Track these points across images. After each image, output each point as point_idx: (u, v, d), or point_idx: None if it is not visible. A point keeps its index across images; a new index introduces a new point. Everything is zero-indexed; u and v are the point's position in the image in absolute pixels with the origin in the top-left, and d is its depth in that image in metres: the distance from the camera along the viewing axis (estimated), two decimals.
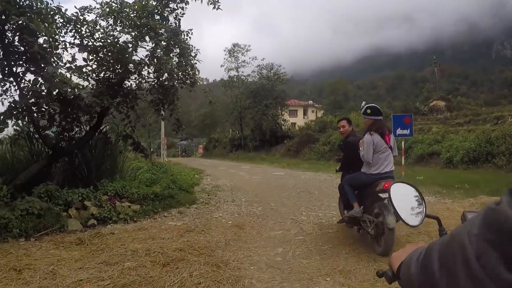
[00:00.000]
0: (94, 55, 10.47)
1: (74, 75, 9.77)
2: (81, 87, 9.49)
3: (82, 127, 11.78)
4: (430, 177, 16.18)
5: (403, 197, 1.65)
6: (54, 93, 8.93)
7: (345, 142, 6.94)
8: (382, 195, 5.44)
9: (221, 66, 47.28)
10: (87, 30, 10.29)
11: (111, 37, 10.39)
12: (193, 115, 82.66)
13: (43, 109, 9.54)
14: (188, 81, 12.14)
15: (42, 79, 8.73)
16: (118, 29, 10.59)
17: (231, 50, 46.73)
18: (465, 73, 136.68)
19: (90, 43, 10.37)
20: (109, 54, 10.43)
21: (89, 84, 10.60)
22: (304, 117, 65.13)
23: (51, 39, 9.24)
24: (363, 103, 6.28)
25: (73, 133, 11.52)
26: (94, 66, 10.74)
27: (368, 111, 5.92)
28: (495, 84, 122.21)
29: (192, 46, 12.01)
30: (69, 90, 8.43)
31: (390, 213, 5.11)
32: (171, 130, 15.97)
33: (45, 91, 8.84)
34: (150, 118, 29.71)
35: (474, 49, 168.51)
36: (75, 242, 6.92)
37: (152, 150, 52.83)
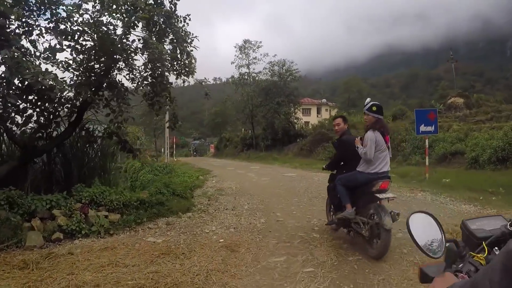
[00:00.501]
0: (73, 42, 8.83)
1: (52, 65, 8.36)
2: (62, 79, 7.83)
3: (62, 123, 10.08)
4: (458, 180, 14.24)
5: (421, 227, 1.56)
6: (17, 82, 7.55)
7: (339, 140, 6.80)
8: (380, 196, 5.30)
9: (231, 63, 45.57)
10: (66, 13, 8.59)
11: (97, 23, 8.67)
12: (206, 114, 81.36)
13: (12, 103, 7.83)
14: (183, 71, 10.50)
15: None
16: (106, 14, 8.88)
17: (241, 47, 44.94)
18: (480, 71, 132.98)
19: (67, 28, 8.73)
20: (92, 40, 8.92)
21: (72, 76, 9.12)
22: (317, 116, 62.87)
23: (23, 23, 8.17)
24: (368, 99, 6.03)
25: (51, 130, 9.78)
26: (75, 55, 9.12)
27: (374, 108, 5.69)
28: (510, 82, 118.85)
29: (189, 32, 10.41)
30: (39, 79, 6.67)
31: (387, 214, 5.06)
32: (167, 127, 14.32)
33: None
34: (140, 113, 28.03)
35: (489, 46, 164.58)
36: (18, 265, 5.30)
37: (163, 150, 51.64)
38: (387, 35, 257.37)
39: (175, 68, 10.39)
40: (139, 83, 10.37)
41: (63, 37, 8.47)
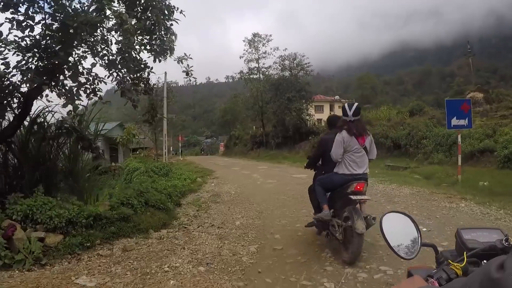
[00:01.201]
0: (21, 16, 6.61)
1: None
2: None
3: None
4: (496, 182, 11.91)
5: (395, 228, 1.56)
6: None
7: (320, 139, 6.93)
8: (353, 197, 5.10)
9: (240, 58, 43.01)
10: None
11: None
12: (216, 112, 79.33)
13: None
14: (159, 49, 8.15)
15: None
16: None
17: (251, 41, 42.26)
18: (494, 67, 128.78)
19: None
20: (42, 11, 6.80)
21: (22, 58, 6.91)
22: (330, 113, 60.10)
23: None
24: (345, 104, 5.72)
25: None
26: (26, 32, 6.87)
27: (346, 109, 5.41)
28: None
29: (171, 4, 8.08)
30: None
31: (360, 217, 4.85)
32: (143, 120, 12.01)
33: None
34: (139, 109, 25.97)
35: (502, 43, 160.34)
36: None
37: (171, 149, 49.52)
38: (400, 31, 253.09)
39: (147, 44, 8.02)
40: (105, 64, 7.95)
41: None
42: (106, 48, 7.85)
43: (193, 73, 8.96)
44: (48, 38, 7.07)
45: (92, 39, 7.32)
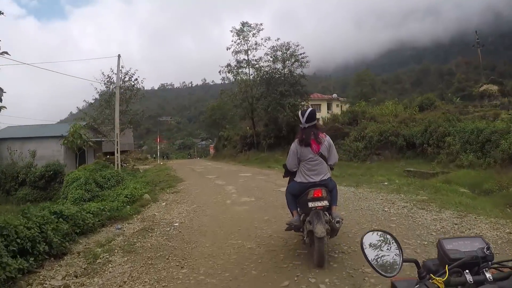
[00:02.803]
0: None
1: None
2: None
3: None
4: None
5: (376, 246, 1.56)
6: None
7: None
8: (310, 204, 5.00)
9: (227, 49, 37.17)
10: None
11: None
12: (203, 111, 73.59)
13: None
14: None
15: None
16: None
17: (239, 31, 36.75)
18: (492, 65, 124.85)
19: None
20: None
21: None
22: (328, 112, 55.08)
23: None
24: (299, 111, 5.69)
25: None
26: None
27: (300, 115, 5.43)
28: None
29: None
30: None
31: (320, 221, 4.80)
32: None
33: None
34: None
35: (500, 40, 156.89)
36: None
37: (160, 154, 44.62)
38: (397, 30, 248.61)
39: None
40: None
41: None
42: None
43: None
44: None
45: None
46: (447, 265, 1.35)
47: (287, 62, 34.11)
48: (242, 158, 33.95)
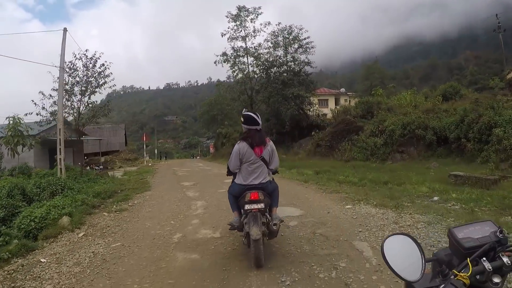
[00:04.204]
0: None
1: None
2: None
3: None
4: None
5: (397, 250, 1.41)
6: None
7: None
8: (246, 206, 4.90)
9: (222, 36, 32.58)
10: None
11: None
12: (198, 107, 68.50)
13: None
14: None
15: None
16: None
17: (236, 16, 31.95)
18: (501, 59, 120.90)
19: None
20: None
21: None
22: (335, 107, 50.96)
23: None
24: (244, 110, 5.79)
25: None
26: None
27: (242, 119, 5.20)
28: None
29: None
30: None
31: (256, 224, 4.73)
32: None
33: None
34: None
35: (509, 33, 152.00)
36: None
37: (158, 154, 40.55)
38: (403, 26, 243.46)
39: None
40: None
41: None
42: None
43: None
44: None
45: None
46: (468, 257, 1.25)
47: (290, 48, 29.47)
48: None
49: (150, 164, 29.07)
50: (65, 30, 13.77)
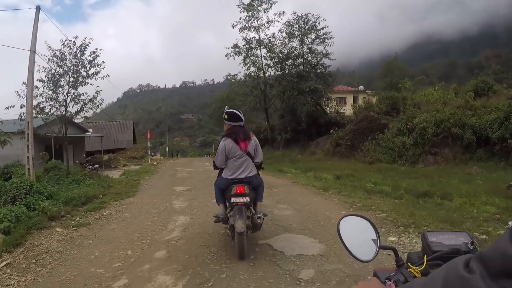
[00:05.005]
0: None
1: None
2: None
3: None
4: None
5: (353, 231, 1.46)
6: None
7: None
8: (232, 200, 4.90)
9: (233, 27, 29.82)
10: None
11: None
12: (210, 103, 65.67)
13: None
14: None
15: None
16: None
17: (248, 5, 29.28)
18: None
19: None
20: None
21: None
22: (353, 105, 48.28)
23: None
24: (226, 107, 6.12)
25: None
26: None
27: (225, 116, 5.24)
28: None
29: None
30: None
31: (241, 217, 4.74)
32: None
33: None
34: None
35: None
36: None
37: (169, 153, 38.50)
38: (422, 23, 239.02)
39: None
40: None
41: None
42: None
43: None
44: None
45: None
46: (425, 256, 1.26)
47: (306, 38, 26.91)
48: None
49: (155, 163, 26.83)
50: (38, 8, 11.55)
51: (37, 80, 14.20)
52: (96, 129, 34.87)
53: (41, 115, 14.66)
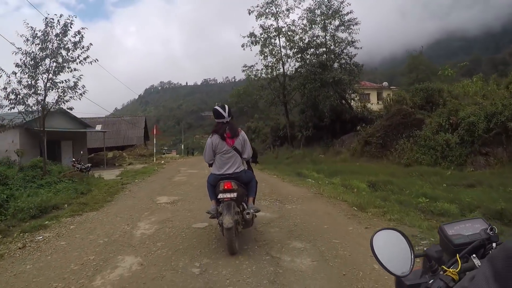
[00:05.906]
0: None
1: None
2: None
3: None
4: None
5: (387, 245, 1.32)
6: None
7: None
8: (220, 196, 4.89)
9: (249, 13, 27.04)
10: None
11: None
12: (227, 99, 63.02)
13: None
14: None
15: None
16: None
17: None
18: None
19: None
20: None
21: None
22: (378, 103, 45.24)
23: None
24: (216, 104, 5.81)
25: None
26: None
27: (221, 112, 5.12)
28: None
29: None
30: None
31: (229, 213, 4.66)
32: None
33: None
34: None
35: None
36: None
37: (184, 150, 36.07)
38: (445, 20, 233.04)
39: None
40: None
41: None
42: None
43: None
44: None
45: None
46: (457, 254, 1.16)
47: (329, 25, 23.93)
48: (268, 158, 24.04)
49: (162, 162, 24.29)
50: None
51: (14, 65, 11.85)
52: (105, 125, 32.54)
53: (17, 105, 12.20)
